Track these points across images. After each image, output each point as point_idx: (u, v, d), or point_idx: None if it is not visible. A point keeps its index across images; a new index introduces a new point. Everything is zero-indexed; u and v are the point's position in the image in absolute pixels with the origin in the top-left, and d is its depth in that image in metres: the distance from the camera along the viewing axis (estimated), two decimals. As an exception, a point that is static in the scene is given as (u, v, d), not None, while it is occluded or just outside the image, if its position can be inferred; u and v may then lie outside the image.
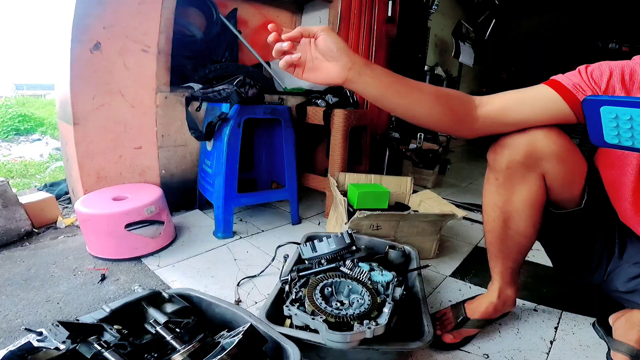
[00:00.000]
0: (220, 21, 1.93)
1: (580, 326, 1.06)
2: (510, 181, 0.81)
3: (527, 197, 0.82)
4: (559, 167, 0.77)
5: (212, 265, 1.28)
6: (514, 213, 0.85)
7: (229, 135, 1.38)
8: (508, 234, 0.88)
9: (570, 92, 0.70)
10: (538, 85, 0.74)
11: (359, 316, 0.78)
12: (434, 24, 3.77)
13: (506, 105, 0.74)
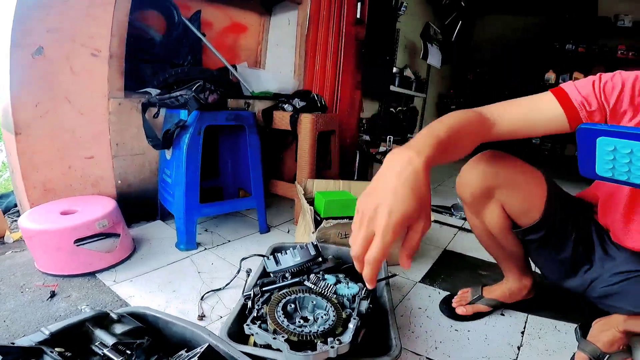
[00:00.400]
0: (182, 23, 1.85)
1: (546, 330, 1.07)
2: (477, 210, 0.91)
3: (495, 223, 0.90)
4: (511, 194, 0.83)
5: (174, 279, 1.22)
6: (493, 232, 0.94)
7: (189, 143, 1.32)
8: (498, 246, 0.99)
9: (575, 109, 0.69)
10: (546, 97, 0.72)
11: (323, 333, 0.75)
12: (404, 26, 3.80)
13: (515, 129, 0.71)
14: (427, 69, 4.24)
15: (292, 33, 2.43)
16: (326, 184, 1.66)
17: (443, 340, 1.00)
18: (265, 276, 1.02)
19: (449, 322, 1.09)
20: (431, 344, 0.98)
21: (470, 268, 1.44)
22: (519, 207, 0.85)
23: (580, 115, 0.69)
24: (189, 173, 1.34)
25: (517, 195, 0.84)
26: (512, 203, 0.85)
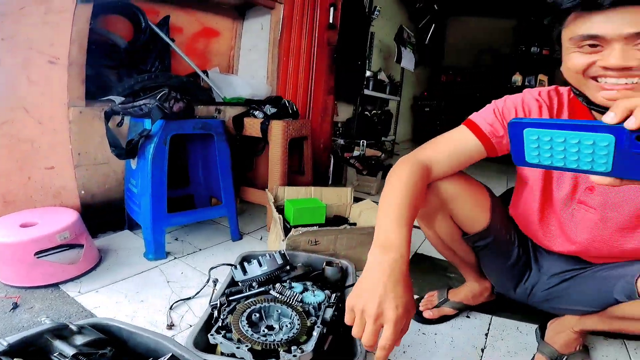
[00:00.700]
0: (149, 29, 1.82)
1: (508, 331, 1.10)
2: (429, 222, 0.95)
3: (446, 232, 0.95)
4: (459, 205, 0.88)
5: (142, 289, 1.20)
6: (448, 244, 0.99)
7: (154, 153, 1.29)
8: (452, 253, 1.03)
9: (487, 138, 0.81)
10: (463, 131, 0.83)
11: (287, 342, 0.76)
12: (378, 29, 3.85)
13: (446, 171, 0.84)
14: (401, 72, 4.31)
15: (265, 38, 2.42)
16: (297, 191, 1.67)
17: (411, 344, 1.02)
18: (233, 285, 1.02)
19: (417, 326, 1.11)
20: (399, 349, 1.00)
21: (439, 270, 1.47)
22: (466, 217, 0.90)
23: (493, 142, 0.80)
24: (154, 183, 1.32)
25: (464, 206, 0.89)
26: (461, 213, 0.90)
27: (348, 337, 0.87)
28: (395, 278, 0.59)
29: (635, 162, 0.42)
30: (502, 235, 0.93)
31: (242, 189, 1.89)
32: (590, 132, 0.43)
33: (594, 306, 0.84)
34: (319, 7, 2.33)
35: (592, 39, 0.60)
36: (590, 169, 0.46)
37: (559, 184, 0.82)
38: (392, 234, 0.65)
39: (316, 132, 2.33)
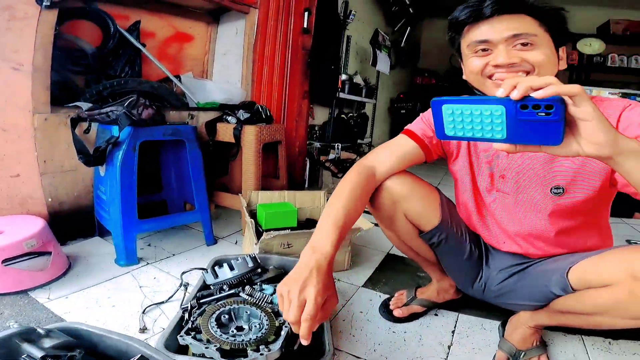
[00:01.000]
0: (119, 34, 1.80)
1: (474, 328, 1.14)
2: (388, 223, 1.00)
3: (404, 231, 1.00)
4: (411, 204, 0.94)
5: (113, 295, 1.20)
6: (407, 243, 1.04)
7: (122, 160, 1.29)
8: (413, 252, 1.08)
9: (422, 141, 0.94)
10: (401, 138, 0.97)
11: (256, 341, 0.78)
12: (354, 32, 3.89)
13: (391, 169, 0.93)
14: (376, 75, 4.36)
15: (240, 42, 2.42)
16: (271, 195, 1.68)
17: (381, 342, 1.05)
18: (205, 289, 1.04)
19: (387, 324, 1.14)
20: (370, 347, 1.02)
21: (410, 271, 1.51)
22: (419, 215, 0.96)
23: (426, 142, 0.94)
24: (124, 190, 1.31)
25: (415, 204, 0.94)
26: (414, 212, 0.96)
27: (318, 337, 0.90)
28: (317, 272, 0.68)
29: (523, 128, 0.52)
30: (454, 232, 0.99)
31: (217, 194, 1.90)
32: (488, 104, 0.52)
33: (538, 301, 0.89)
34: (294, 12, 2.35)
35: (482, 43, 0.74)
36: (491, 136, 0.54)
37: (480, 177, 0.93)
38: (323, 238, 0.73)
39: (291, 136, 2.36)
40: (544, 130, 0.51)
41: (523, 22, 0.71)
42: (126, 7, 1.97)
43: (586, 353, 1.03)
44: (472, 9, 0.74)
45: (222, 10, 2.39)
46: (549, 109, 0.49)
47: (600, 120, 0.50)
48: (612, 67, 4.78)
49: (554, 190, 0.81)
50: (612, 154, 0.52)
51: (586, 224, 0.86)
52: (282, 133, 1.96)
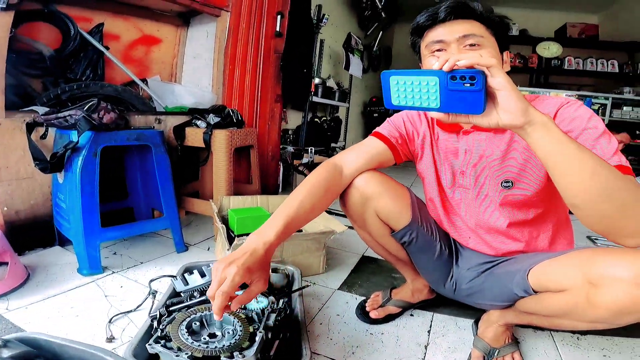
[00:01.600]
0: (79, 36, 1.72)
1: (449, 327, 1.15)
2: (361, 223, 1.03)
3: (376, 230, 1.02)
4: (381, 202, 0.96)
5: (76, 304, 1.14)
6: (380, 242, 1.06)
7: (82, 166, 1.22)
8: (387, 252, 1.10)
9: (390, 142, 0.99)
10: (370, 139, 1.02)
11: (230, 348, 0.76)
12: (328, 37, 3.91)
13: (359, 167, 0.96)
14: (349, 78, 4.40)
15: (211, 46, 2.38)
16: (243, 201, 1.65)
17: (359, 344, 1.04)
18: (175, 297, 1.00)
19: (364, 326, 1.14)
20: (348, 350, 1.02)
21: (385, 272, 1.52)
22: (390, 213, 0.98)
23: (393, 142, 0.99)
24: (85, 197, 1.25)
25: (386, 203, 0.96)
26: (384, 210, 0.97)
27: (296, 341, 0.89)
28: (250, 255, 0.71)
29: (453, 97, 0.59)
30: (424, 231, 1.00)
31: (188, 200, 1.84)
32: (425, 75, 0.60)
33: (504, 301, 0.91)
34: (266, 15, 2.34)
35: (438, 43, 0.82)
36: (428, 105, 0.61)
37: (443, 174, 0.97)
38: (269, 227, 0.78)
39: (263, 141, 2.33)
40: (469, 99, 0.58)
41: (473, 25, 0.80)
42: (88, 9, 1.90)
43: (556, 349, 1.06)
44: (430, 14, 0.84)
45: (193, 13, 2.35)
46: (472, 80, 0.56)
47: (512, 89, 0.57)
48: (569, 70, 4.97)
49: (504, 184, 0.87)
50: (523, 123, 0.58)
51: (540, 217, 0.90)
52: (254, 137, 1.93)
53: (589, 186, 0.58)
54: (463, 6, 0.80)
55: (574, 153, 0.58)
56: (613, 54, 4.89)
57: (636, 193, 0.59)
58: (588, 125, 0.72)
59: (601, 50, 5.02)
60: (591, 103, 4.27)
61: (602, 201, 0.58)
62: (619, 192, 0.58)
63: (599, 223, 0.62)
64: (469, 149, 0.90)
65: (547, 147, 0.59)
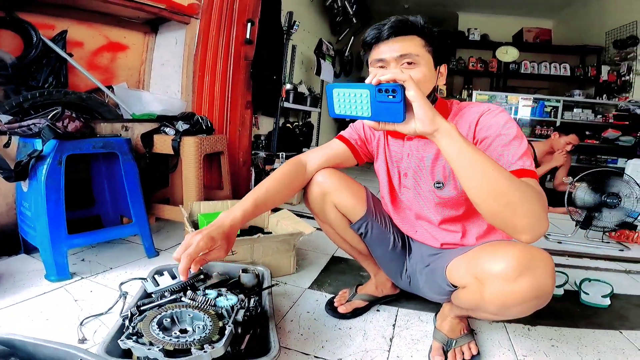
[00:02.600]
0: (42, 43, 1.70)
1: (412, 321, 1.22)
2: (322, 217, 1.11)
3: (336, 222, 1.10)
4: (338, 196, 1.05)
5: (46, 309, 1.14)
6: (341, 234, 1.14)
7: (47, 174, 1.22)
8: (349, 245, 1.18)
9: (351, 144, 1.09)
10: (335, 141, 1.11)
11: (200, 341, 0.79)
12: (300, 42, 3.95)
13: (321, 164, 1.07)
14: (321, 83, 4.46)
15: (180, 53, 2.38)
16: (214, 205, 1.67)
17: (329, 339, 1.09)
18: (146, 297, 1.01)
19: (333, 322, 1.18)
20: (318, 344, 1.07)
21: (354, 271, 1.58)
22: (347, 205, 1.07)
23: (353, 144, 1.09)
24: (50, 205, 1.25)
25: (343, 195, 1.05)
26: (342, 203, 1.06)
27: (266, 336, 0.93)
28: (216, 227, 0.83)
29: (380, 108, 0.68)
30: (379, 223, 1.09)
31: (158, 207, 1.84)
32: (359, 88, 0.68)
33: (443, 294, 0.98)
34: (237, 22, 2.36)
35: (380, 61, 0.88)
36: (362, 114, 0.70)
37: (393, 174, 1.07)
38: (238, 207, 0.89)
39: (234, 147, 2.35)
40: (392, 110, 0.67)
41: (411, 43, 0.86)
42: (52, 16, 1.88)
43: (509, 339, 1.14)
44: (375, 32, 0.89)
45: (161, 20, 2.35)
46: (394, 93, 0.66)
47: (422, 101, 0.67)
48: (525, 74, 5.19)
49: (436, 184, 0.97)
50: (433, 130, 0.67)
51: (469, 212, 1.00)
52: (224, 143, 1.96)
53: (480, 186, 0.67)
54: (404, 24, 0.86)
55: (470, 157, 0.67)
56: (565, 57, 5.15)
57: (525, 194, 0.67)
58: (502, 132, 0.81)
59: (554, 54, 5.26)
60: (544, 106, 4.49)
61: (492, 200, 0.67)
62: (506, 192, 0.66)
63: (493, 219, 0.71)
64: (411, 153, 1.00)
65: (451, 152, 0.68)
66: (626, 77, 4.38)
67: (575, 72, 5.04)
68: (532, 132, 4.53)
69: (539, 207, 0.67)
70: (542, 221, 0.67)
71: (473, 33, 5.40)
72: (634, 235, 2.30)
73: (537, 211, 0.67)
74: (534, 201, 0.67)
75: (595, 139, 4.27)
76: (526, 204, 0.66)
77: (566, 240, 2.24)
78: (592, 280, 1.52)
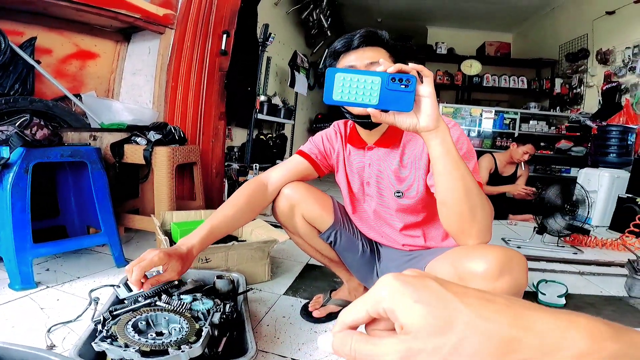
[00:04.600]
0: (9, 50, 1.66)
1: None
2: (292, 228, 1.14)
3: (305, 232, 1.14)
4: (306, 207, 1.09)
5: (11, 317, 1.11)
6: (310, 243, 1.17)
7: (13, 183, 1.19)
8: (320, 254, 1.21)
9: (311, 158, 1.13)
10: (295, 157, 1.14)
11: (177, 342, 0.79)
12: (275, 54, 3.99)
13: (283, 181, 1.10)
14: (295, 95, 4.52)
15: (153, 62, 2.37)
16: (187, 215, 1.67)
17: (305, 342, 1.12)
18: (118, 304, 1.00)
19: (308, 325, 1.22)
20: (295, 347, 1.10)
21: (327, 278, 1.61)
22: (315, 216, 1.11)
23: (313, 158, 1.12)
24: (16, 214, 1.21)
25: (311, 206, 1.09)
26: (310, 214, 1.10)
27: (242, 339, 0.95)
28: (175, 249, 0.88)
29: (390, 96, 0.69)
30: (346, 230, 1.14)
31: (127, 217, 1.81)
32: (371, 75, 0.69)
33: None
34: (212, 33, 2.36)
35: (350, 67, 0.93)
36: (368, 102, 0.69)
37: (354, 184, 1.12)
38: (195, 233, 0.94)
39: (207, 158, 2.35)
40: (402, 99, 0.69)
41: (379, 53, 0.94)
42: (22, 22, 1.85)
43: None
44: (346, 41, 0.96)
45: (134, 29, 2.33)
46: (408, 83, 0.68)
47: (435, 99, 0.71)
48: (487, 87, 5.44)
49: (396, 193, 1.02)
50: (435, 127, 0.71)
51: (428, 218, 1.06)
52: (197, 154, 1.96)
53: (456, 186, 0.75)
54: (373, 35, 0.94)
55: (453, 159, 0.74)
56: (523, 71, 5.43)
57: (483, 200, 0.77)
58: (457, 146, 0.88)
59: (513, 68, 5.55)
60: (503, 118, 4.74)
61: (463, 202, 0.75)
62: (474, 196, 0.75)
63: (455, 222, 0.78)
64: (371, 162, 1.05)
65: (441, 151, 0.74)
66: (577, 89, 4.65)
67: (531, 85, 5.32)
68: (494, 143, 4.74)
69: (490, 216, 0.77)
70: (490, 230, 0.78)
71: (440, 47, 5.60)
72: (587, 240, 2.49)
73: (488, 220, 0.77)
74: (488, 210, 0.77)
75: (550, 149, 4.52)
76: (483, 211, 0.76)
77: (525, 245, 2.39)
78: (549, 282, 1.64)
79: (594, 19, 4.32)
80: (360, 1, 5.28)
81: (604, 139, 3.53)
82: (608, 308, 1.55)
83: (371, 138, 1.04)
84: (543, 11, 5.17)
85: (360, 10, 5.55)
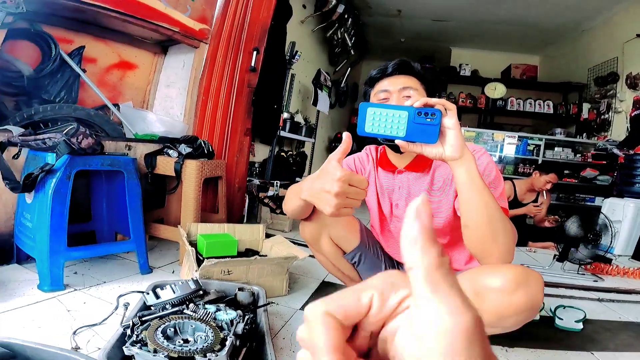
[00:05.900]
0: (59, 57, 1.77)
1: None
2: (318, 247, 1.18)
3: (330, 252, 1.18)
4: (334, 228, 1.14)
5: (38, 317, 1.15)
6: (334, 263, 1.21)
7: (55, 188, 1.26)
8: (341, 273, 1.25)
9: None
10: None
11: (203, 350, 0.83)
12: (298, 71, 3.99)
13: None
14: (316, 114, 4.53)
15: (186, 75, 2.44)
16: (211, 227, 1.71)
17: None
18: (145, 310, 1.05)
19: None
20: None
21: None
22: (342, 237, 1.15)
23: None
24: (54, 217, 1.27)
25: (338, 228, 1.14)
26: (337, 235, 1.15)
27: (261, 351, 0.98)
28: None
29: (416, 129, 0.74)
30: (371, 253, 1.19)
31: (152, 226, 1.86)
32: (398, 109, 0.74)
33: None
34: (243, 49, 2.43)
35: (385, 92, 1.01)
36: (396, 134, 0.74)
37: (384, 205, 1.16)
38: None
39: (231, 172, 2.39)
40: (428, 131, 0.74)
41: (410, 80, 1.02)
42: (72, 31, 1.94)
43: None
44: (381, 69, 1.05)
45: (171, 42, 2.41)
46: (433, 117, 0.73)
47: (459, 130, 0.76)
48: (511, 111, 5.18)
49: None
50: (460, 156, 0.75)
51: (454, 241, 1.10)
52: (222, 169, 2.01)
53: (480, 212, 0.78)
54: (405, 64, 1.02)
55: (478, 186, 0.78)
56: (549, 94, 5.14)
57: (506, 227, 0.80)
58: (485, 173, 0.94)
59: (539, 91, 5.26)
60: (527, 144, 4.59)
61: (485, 226, 0.79)
62: (497, 221, 0.79)
63: (476, 243, 0.82)
64: (401, 185, 1.10)
65: (466, 179, 0.78)
66: (605, 115, 4.39)
67: (558, 110, 5.04)
68: (516, 169, 4.61)
69: (512, 240, 0.81)
70: (512, 252, 0.81)
71: (464, 68, 5.42)
72: (608, 268, 2.41)
73: (510, 243, 0.81)
74: (511, 235, 0.80)
75: (574, 177, 4.37)
76: (506, 235, 0.79)
77: (544, 272, 2.32)
78: (566, 307, 1.61)
79: (625, 41, 4.15)
80: (384, 21, 5.28)
81: (630, 168, 3.39)
82: (625, 333, 1.52)
83: (402, 162, 1.10)
84: (573, 33, 4.93)
85: (383, 30, 5.57)
